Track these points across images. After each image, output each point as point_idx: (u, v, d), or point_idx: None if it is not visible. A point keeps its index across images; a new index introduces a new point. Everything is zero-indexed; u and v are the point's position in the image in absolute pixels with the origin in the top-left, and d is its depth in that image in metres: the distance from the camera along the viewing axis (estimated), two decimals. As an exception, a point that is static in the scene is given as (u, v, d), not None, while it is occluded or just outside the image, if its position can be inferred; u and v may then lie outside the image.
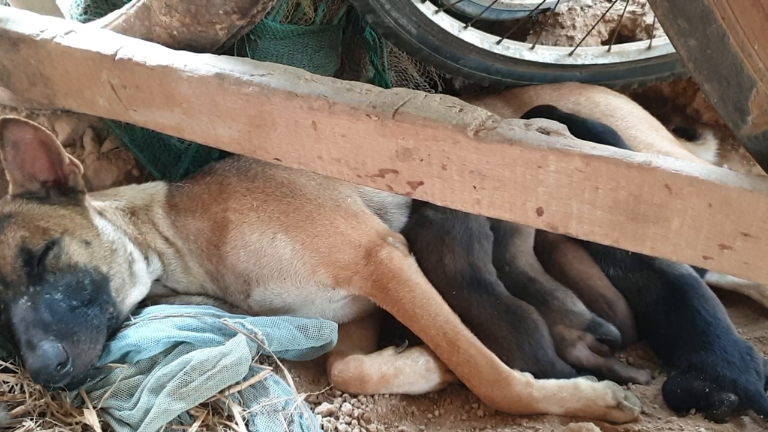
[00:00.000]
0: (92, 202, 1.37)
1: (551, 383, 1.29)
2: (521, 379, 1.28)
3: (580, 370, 1.38)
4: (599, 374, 1.37)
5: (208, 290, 1.44)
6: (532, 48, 1.95)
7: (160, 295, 1.43)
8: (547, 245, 1.63)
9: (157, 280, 1.41)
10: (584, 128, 1.61)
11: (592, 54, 1.99)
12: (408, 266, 1.38)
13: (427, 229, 1.53)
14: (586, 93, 1.91)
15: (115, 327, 1.23)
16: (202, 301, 1.43)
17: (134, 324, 1.24)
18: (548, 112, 1.74)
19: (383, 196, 1.61)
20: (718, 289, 1.48)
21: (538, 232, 1.62)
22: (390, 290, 1.35)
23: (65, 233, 1.23)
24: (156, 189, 1.50)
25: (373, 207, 1.58)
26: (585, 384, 1.28)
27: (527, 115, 1.72)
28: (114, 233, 1.33)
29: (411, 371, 1.34)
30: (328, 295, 1.43)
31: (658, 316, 1.45)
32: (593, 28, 2.20)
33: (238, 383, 1.15)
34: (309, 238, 1.38)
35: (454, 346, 1.30)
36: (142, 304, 1.35)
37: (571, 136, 1.02)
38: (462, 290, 1.43)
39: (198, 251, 1.42)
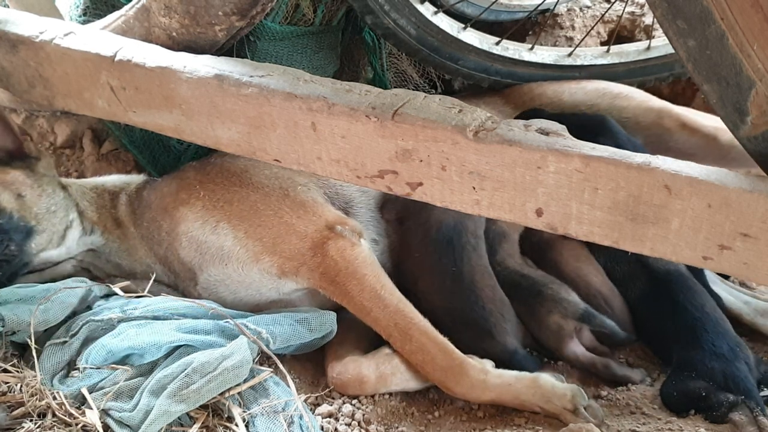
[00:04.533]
0: (64, 179, 1.52)
1: (509, 373, 1.28)
2: (476, 365, 1.28)
3: (574, 366, 1.39)
4: (594, 372, 1.38)
5: (159, 275, 1.47)
6: (532, 49, 1.95)
7: (112, 274, 1.50)
8: (543, 244, 1.63)
9: (94, 251, 1.49)
10: (575, 120, 1.62)
11: (591, 54, 1.99)
12: (356, 257, 1.36)
13: None
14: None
15: (14, 270, 1.33)
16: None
17: (133, 322, 1.24)
18: (535, 114, 1.75)
19: (351, 190, 1.61)
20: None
21: (534, 231, 1.63)
22: (338, 283, 1.35)
23: (1, 185, 1.37)
24: (134, 180, 1.59)
25: (340, 201, 1.58)
26: (546, 379, 1.26)
27: (521, 117, 1.72)
28: (61, 201, 1.44)
29: (408, 368, 1.34)
30: (275, 284, 1.42)
31: (646, 311, 1.45)
32: (592, 28, 2.20)
33: (238, 385, 1.15)
34: (252, 227, 1.39)
35: (406, 335, 1.31)
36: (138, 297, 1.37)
37: (570, 136, 1.02)
38: (436, 260, 1.46)
39: (149, 236, 1.48)
